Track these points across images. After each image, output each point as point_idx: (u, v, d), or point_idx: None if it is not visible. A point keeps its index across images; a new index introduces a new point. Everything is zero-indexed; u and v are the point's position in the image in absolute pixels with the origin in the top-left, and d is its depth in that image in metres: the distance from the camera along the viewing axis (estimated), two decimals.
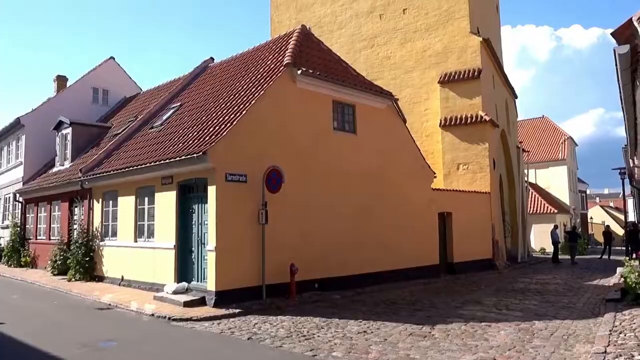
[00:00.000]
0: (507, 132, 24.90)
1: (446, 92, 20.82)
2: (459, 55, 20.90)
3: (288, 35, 15.45)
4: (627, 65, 5.05)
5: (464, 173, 20.12)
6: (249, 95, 12.59)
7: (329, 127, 13.76)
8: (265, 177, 11.47)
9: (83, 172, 16.00)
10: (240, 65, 16.09)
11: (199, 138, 11.89)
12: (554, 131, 45.58)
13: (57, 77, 27.17)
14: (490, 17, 26.39)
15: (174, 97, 18.13)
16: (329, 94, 13.73)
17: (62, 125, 20.39)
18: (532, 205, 35.94)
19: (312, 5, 25.27)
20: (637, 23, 4.48)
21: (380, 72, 22.48)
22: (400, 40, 22.44)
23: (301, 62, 13.23)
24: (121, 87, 25.84)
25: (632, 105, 6.33)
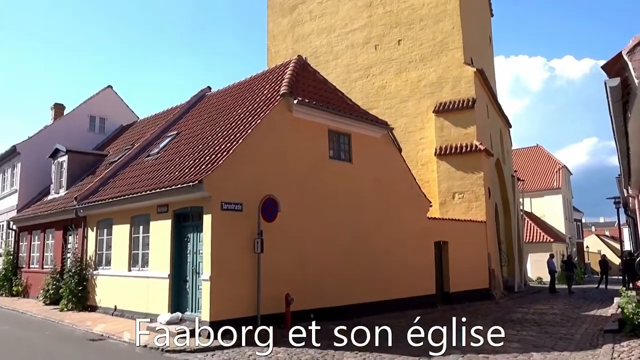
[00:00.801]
0: (502, 161, 25.08)
1: (441, 121, 21.03)
2: (454, 85, 21.20)
3: (285, 65, 15.67)
4: (619, 98, 5.13)
5: (460, 202, 20.15)
6: (246, 124, 12.68)
7: (325, 156, 13.82)
8: (261, 206, 11.46)
9: (78, 200, 15.94)
10: (237, 94, 16.26)
11: (195, 166, 11.91)
12: (549, 160, 45.93)
13: (55, 105, 27.33)
14: (484, 47, 26.90)
15: (171, 126, 18.24)
16: (325, 123, 13.85)
17: (58, 153, 20.41)
18: (528, 234, 35.92)
19: (309, 36, 25.71)
20: (626, 57, 4.58)
21: (376, 102, 22.74)
22: (395, 71, 22.78)
23: (297, 91, 13.38)
24: (118, 115, 25.98)
25: (624, 136, 6.41)
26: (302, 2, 26.09)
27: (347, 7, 24.52)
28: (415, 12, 22.59)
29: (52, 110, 27.49)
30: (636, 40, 4.53)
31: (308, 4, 25.87)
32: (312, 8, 25.71)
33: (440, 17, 21.95)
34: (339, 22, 24.71)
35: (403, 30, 22.80)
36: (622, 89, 5.09)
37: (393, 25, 23.09)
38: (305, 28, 25.86)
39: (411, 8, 22.72)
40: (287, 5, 26.69)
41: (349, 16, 24.41)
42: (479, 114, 20.97)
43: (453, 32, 21.60)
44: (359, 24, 24.06)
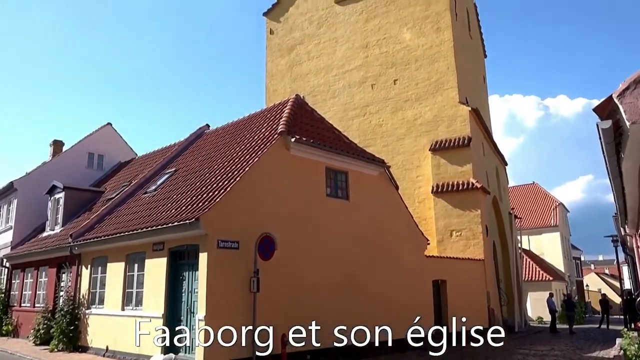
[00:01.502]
0: (498, 199, 25.14)
1: (437, 159, 21.20)
2: (449, 123, 21.48)
3: (282, 104, 15.89)
4: (611, 139, 5.20)
5: (458, 240, 20.08)
6: (243, 162, 12.75)
7: (322, 194, 13.85)
8: (258, 244, 11.38)
9: (73, 238, 15.82)
10: (236, 132, 16.41)
11: (192, 204, 11.90)
12: (545, 197, 46.08)
13: (54, 142, 27.51)
14: (478, 87, 27.41)
15: (169, 163, 18.32)
16: (322, 161, 13.93)
17: (55, 189, 20.39)
18: (527, 272, 35.65)
19: (307, 76, 26.18)
20: (617, 100, 4.66)
21: (373, 140, 22.96)
22: (391, 109, 23.11)
23: (295, 130, 13.52)
24: (117, 152, 26.11)
25: (618, 176, 6.45)
26: (300, 43, 26.69)
27: (344, 48, 25.08)
28: (410, 53, 23.11)
29: (51, 147, 27.65)
30: (626, 84, 4.63)
31: (306, 45, 26.46)
32: (310, 49, 26.28)
33: (434, 58, 22.44)
34: (336, 62, 25.22)
35: (399, 70, 23.27)
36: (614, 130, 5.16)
37: (389, 65, 23.58)
38: (303, 68, 26.37)
39: (406, 49, 23.25)
40: (285, 46, 27.29)
41: (346, 56, 24.94)
42: (474, 152, 21.16)
43: (448, 72, 22.04)
44: (355, 64, 24.56)
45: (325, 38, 25.85)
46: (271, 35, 28.08)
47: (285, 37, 27.37)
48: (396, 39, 23.65)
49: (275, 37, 27.83)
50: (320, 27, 26.14)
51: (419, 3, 23.38)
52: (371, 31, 24.43)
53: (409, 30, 23.37)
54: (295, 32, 27.02)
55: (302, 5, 27.06)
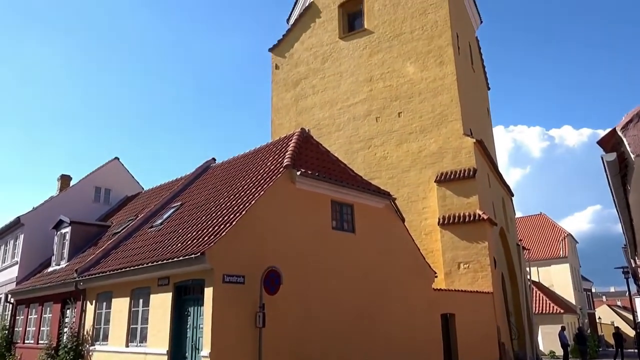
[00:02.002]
0: (505, 230, 24.95)
1: (443, 191, 21.17)
2: (454, 155, 21.54)
3: (288, 137, 16.02)
4: (616, 172, 5.20)
5: (465, 272, 19.84)
6: (249, 196, 12.78)
7: (328, 227, 13.80)
8: (263, 278, 11.29)
9: (79, 273, 15.77)
10: (242, 165, 16.52)
11: (198, 238, 11.88)
12: (553, 228, 45.68)
13: (62, 177, 27.75)
14: (482, 119, 27.60)
15: (176, 197, 18.39)
16: (327, 194, 13.95)
17: (61, 224, 20.46)
18: (537, 305, 35.02)
19: (312, 109, 26.48)
20: (620, 133, 4.69)
21: (378, 172, 23.02)
22: (396, 142, 23.24)
23: (300, 163, 13.60)
24: (124, 186, 26.29)
25: (625, 208, 6.42)
26: (305, 78, 27.11)
27: (349, 82, 25.45)
28: (414, 86, 23.40)
29: (58, 182, 27.87)
30: (629, 117, 4.66)
31: (311, 79, 26.87)
32: (314, 83, 26.68)
33: (438, 90, 22.70)
34: (341, 96, 25.54)
35: (403, 103, 23.51)
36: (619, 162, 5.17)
37: (393, 98, 23.85)
38: (308, 101, 26.70)
39: (410, 82, 23.56)
40: (290, 80, 27.72)
41: (351, 90, 25.27)
42: (480, 183, 21.13)
43: (451, 104, 22.25)
44: (360, 97, 24.86)
45: (329, 72, 26.27)
46: (277, 70, 28.57)
47: (291, 72, 27.83)
48: (400, 72, 24.00)
49: (281, 72, 28.30)
50: (325, 62, 26.60)
51: (422, 38, 23.82)
52: (375, 65, 24.82)
53: (412, 64, 23.73)
54: (300, 67, 27.49)
55: (307, 41, 27.62)
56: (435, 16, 23.76)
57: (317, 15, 27.57)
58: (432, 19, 23.81)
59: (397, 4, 25.03)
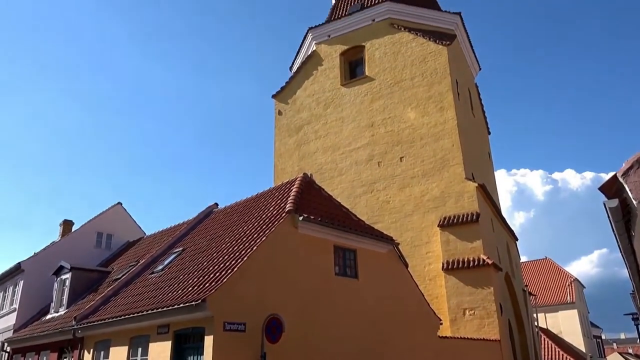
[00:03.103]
0: (511, 275, 24.59)
1: (446, 235, 21.02)
2: (457, 199, 21.52)
3: (290, 182, 16.09)
4: (620, 218, 5.19)
5: (471, 319, 19.42)
6: (251, 241, 12.72)
7: (331, 272, 13.64)
8: (265, 326, 11.07)
9: (77, 320, 15.49)
10: (244, 211, 16.51)
11: (199, 285, 11.74)
12: (559, 273, 45.02)
13: (64, 222, 27.76)
14: (484, 163, 27.74)
15: (177, 242, 18.30)
16: (330, 239, 13.87)
17: (62, 270, 20.29)
18: (546, 353, 34.03)
19: (314, 154, 26.70)
20: (621, 179, 4.70)
21: (381, 216, 22.95)
22: (398, 186, 23.29)
23: (303, 208, 13.59)
24: (125, 231, 26.24)
25: (631, 254, 6.35)
26: (308, 123, 27.48)
27: (351, 127, 25.77)
28: (415, 131, 23.67)
29: (60, 227, 27.86)
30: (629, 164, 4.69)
31: (313, 125, 27.23)
32: (317, 128, 27.02)
33: (439, 135, 22.94)
34: (343, 141, 25.80)
35: (405, 148, 23.71)
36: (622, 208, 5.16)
37: (395, 143, 24.07)
38: (310, 147, 26.96)
39: (411, 128, 23.84)
40: (293, 126, 28.10)
41: (353, 135, 25.55)
42: (483, 227, 21.01)
43: (453, 149, 22.42)
44: (362, 142, 25.11)
45: (332, 118, 26.64)
46: (280, 116, 29.00)
47: (293, 118, 28.25)
48: (401, 118, 24.33)
49: (284, 118, 28.73)
50: (327, 108, 27.02)
51: (422, 84, 24.28)
52: (376, 111, 25.20)
53: (413, 110, 24.09)
54: (302, 113, 27.91)
55: (310, 87, 28.18)
56: (435, 64, 24.31)
57: (320, 63, 28.25)
58: (432, 66, 24.36)
59: (397, 52, 25.68)
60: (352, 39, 27.56)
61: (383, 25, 26.74)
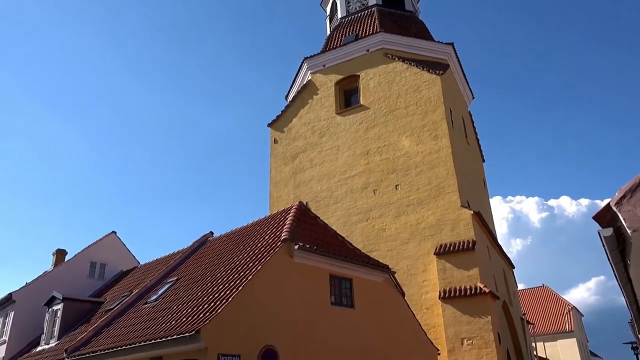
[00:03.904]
0: (508, 303, 24.38)
1: (443, 263, 20.91)
2: (452, 227, 21.49)
3: (286, 211, 16.07)
4: (615, 247, 5.19)
5: (469, 349, 19.14)
6: (246, 270, 12.62)
7: (327, 302, 13.51)
8: (260, 357, 10.90)
9: (68, 353, 15.18)
10: (239, 239, 16.43)
11: (193, 315, 11.58)
12: (557, 301, 44.72)
13: (57, 251, 27.46)
14: (479, 190, 27.82)
15: (172, 271, 18.11)
16: (326, 268, 13.78)
17: (53, 300, 19.98)
18: None
19: (309, 182, 26.74)
20: (615, 208, 4.73)
21: (377, 244, 22.84)
22: (394, 214, 23.27)
23: (298, 237, 13.55)
24: (119, 260, 25.97)
25: (628, 283, 6.33)
26: (303, 151, 27.62)
27: (346, 155, 25.90)
28: (410, 159, 23.80)
29: (53, 256, 27.55)
30: (622, 192, 4.72)
31: (309, 153, 27.36)
32: (312, 156, 27.13)
33: (434, 163, 23.07)
34: (339, 169, 25.88)
35: (400, 176, 23.79)
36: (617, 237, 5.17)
37: (390, 171, 24.17)
38: (306, 175, 27.02)
39: (406, 156, 23.99)
40: (289, 154, 28.22)
41: (348, 163, 25.66)
42: (480, 255, 20.93)
43: (448, 177, 22.52)
44: (357, 170, 25.20)
45: (327, 146, 26.80)
46: (275, 144, 29.14)
47: (289, 146, 28.39)
48: (396, 146, 24.49)
49: (279, 146, 28.86)
50: (323, 136, 27.20)
51: (416, 113, 24.55)
52: (371, 139, 25.38)
53: (408, 138, 24.28)
54: (298, 141, 28.07)
55: (305, 116, 28.42)
56: (429, 93, 24.63)
57: (315, 92, 28.57)
58: (426, 95, 24.68)
59: (392, 82, 26.03)
60: (346, 68, 27.97)
61: (377, 55, 27.19)
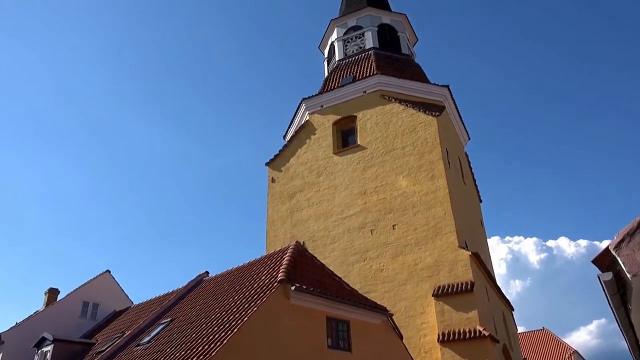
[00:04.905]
0: (508, 347, 23.88)
1: (441, 305, 20.60)
2: (450, 268, 21.30)
3: (283, 250, 15.95)
4: (615, 291, 5.15)
5: None
6: (242, 312, 12.40)
7: (324, 345, 13.23)
8: None
9: None
10: (235, 279, 16.23)
11: (187, 358, 11.30)
12: (558, 344, 43.85)
13: (49, 290, 27.00)
14: (476, 231, 27.73)
15: (166, 312, 17.79)
16: (323, 310, 13.57)
17: (43, 342, 19.53)
18: None
19: (307, 221, 26.63)
20: (614, 252, 4.71)
21: (374, 285, 22.56)
22: (391, 254, 23.09)
23: (295, 277, 13.39)
24: (112, 300, 25.53)
25: (630, 328, 6.24)
26: (301, 191, 27.64)
27: (343, 195, 25.93)
28: (407, 199, 23.82)
29: (45, 295, 27.05)
30: (620, 236, 4.72)
31: (306, 192, 27.38)
32: (310, 196, 27.14)
33: (431, 204, 23.08)
34: (336, 209, 25.85)
35: (397, 216, 23.75)
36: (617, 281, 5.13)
37: (387, 211, 24.14)
38: (303, 214, 26.95)
39: (403, 196, 24.02)
40: (286, 193, 28.23)
41: (345, 203, 25.65)
42: (478, 297, 20.65)
43: (445, 217, 22.48)
44: (354, 210, 25.16)
45: (324, 186, 26.85)
46: (273, 184, 29.19)
47: (286, 185, 28.44)
48: (393, 186, 24.57)
49: (277, 185, 28.91)
50: (320, 176, 27.30)
51: (413, 153, 24.75)
52: (369, 179, 25.48)
53: (405, 178, 24.38)
54: (296, 180, 28.14)
55: (303, 155, 28.61)
56: (425, 133, 24.92)
57: (313, 132, 28.87)
58: (422, 136, 24.95)
59: (388, 122, 26.37)
60: (344, 109, 28.38)
61: (374, 96, 27.64)
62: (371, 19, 32.41)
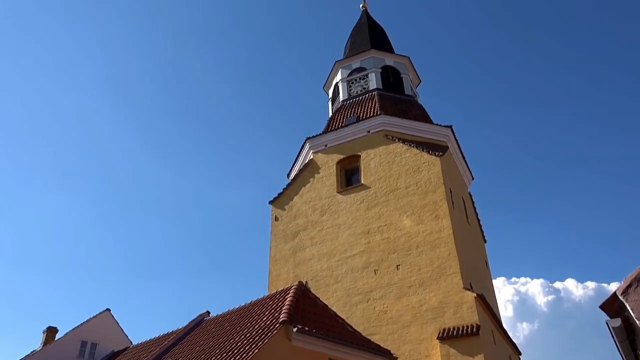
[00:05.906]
0: None
1: (447, 349, 20.12)
2: (455, 310, 20.93)
3: (285, 291, 15.76)
4: (624, 338, 5.04)
5: None
6: (242, 354, 12.16)
7: None
8: None
9: None
10: (236, 320, 15.97)
11: None
12: None
13: (47, 329, 26.58)
14: (482, 271, 27.37)
15: (165, 353, 17.44)
16: (325, 352, 13.30)
17: None
18: None
19: (310, 260, 26.40)
20: (622, 297, 4.64)
21: (378, 327, 22.13)
22: (395, 295, 22.75)
23: (297, 319, 13.19)
24: (111, 340, 25.10)
25: None
26: (304, 229, 27.54)
27: (347, 234, 25.79)
28: (411, 239, 23.67)
29: (44, 334, 26.62)
30: (628, 282, 4.66)
31: (309, 231, 27.26)
32: (313, 235, 27.01)
33: (435, 244, 22.90)
34: (339, 248, 25.67)
35: (401, 256, 23.54)
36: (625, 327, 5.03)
37: (391, 251, 23.95)
38: (306, 253, 26.75)
39: (407, 235, 23.88)
40: (289, 232, 28.12)
41: (348, 242, 25.49)
42: (484, 340, 20.19)
43: (449, 258, 22.26)
44: (358, 249, 24.97)
45: (328, 225, 26.75)
46: (276, 222, 29.11)
47: (290, 224, 28.35)
48: (397, 225, 24.45)
49: (280, 224, 28.82)
50: (324, 215, 27.25)
51: (417, 193, 24.76)
52: (372, 218, 25.39)
53: (409, 218, 24.29)
54: (299, 219, 28.07)
55: (306, 194, 28.65)
56: (429, 173, 24.99)
57: (316, 171, 29.01)
58: (426, 175, 25.02)
59: (392, 162, 26.50)
60: (348, 148, 28.61)
61: (378, 136, 27.91)
62: (375, 61, 33.08)
